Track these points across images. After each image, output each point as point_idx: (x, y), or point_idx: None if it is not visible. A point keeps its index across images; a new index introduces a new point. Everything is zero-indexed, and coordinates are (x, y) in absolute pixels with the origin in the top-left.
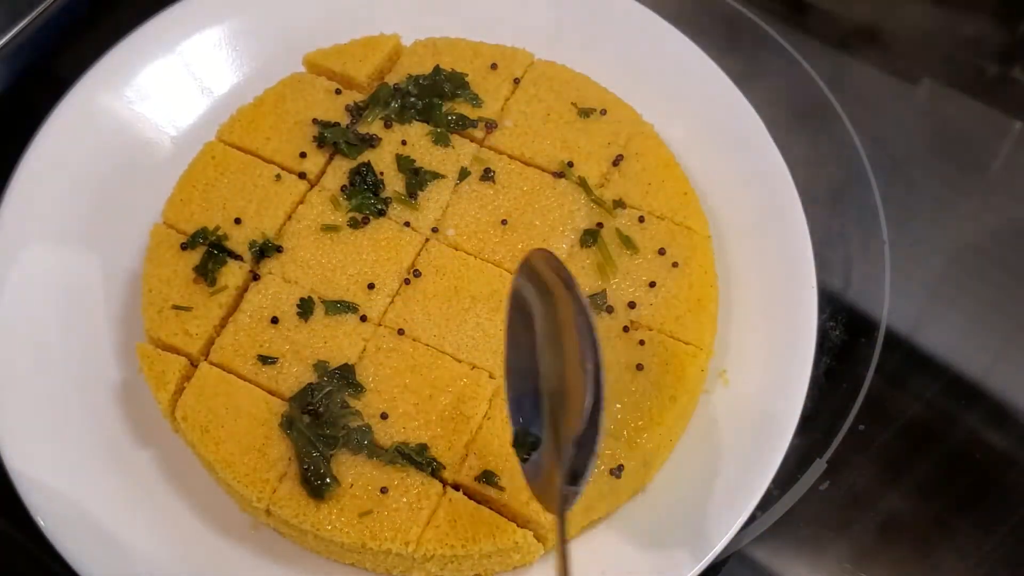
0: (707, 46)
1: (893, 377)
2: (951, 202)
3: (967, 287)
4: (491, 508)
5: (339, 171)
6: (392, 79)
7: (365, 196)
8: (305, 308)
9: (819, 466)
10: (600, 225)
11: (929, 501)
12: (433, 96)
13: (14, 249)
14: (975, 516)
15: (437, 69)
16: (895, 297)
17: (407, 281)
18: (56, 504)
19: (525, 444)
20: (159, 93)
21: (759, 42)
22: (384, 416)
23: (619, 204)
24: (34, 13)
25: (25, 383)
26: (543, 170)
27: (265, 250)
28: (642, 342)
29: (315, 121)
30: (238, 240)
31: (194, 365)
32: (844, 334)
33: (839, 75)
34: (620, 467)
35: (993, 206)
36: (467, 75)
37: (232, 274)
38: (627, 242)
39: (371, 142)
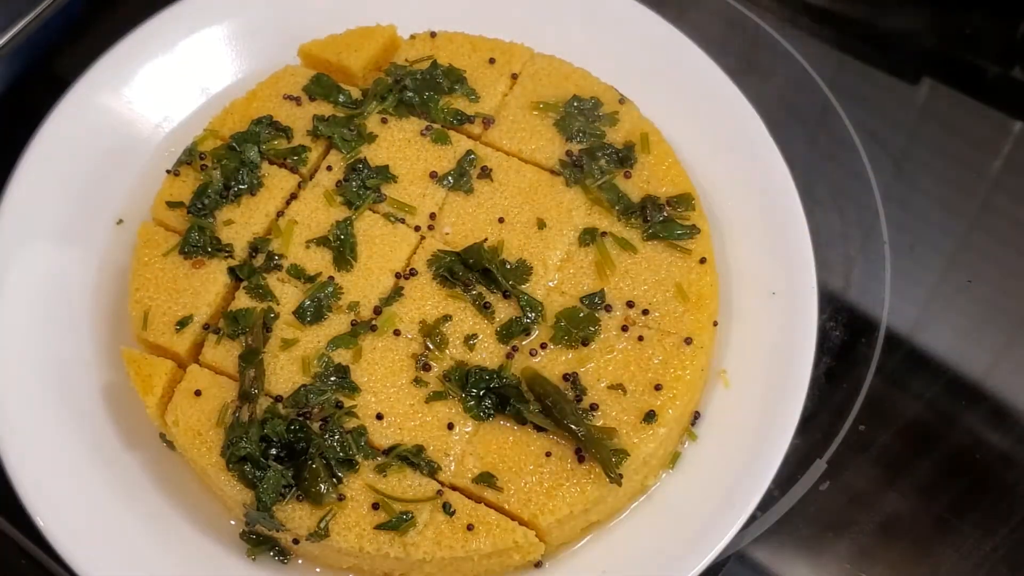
0: (707, 46)
1: (893, 377)
2: (951, 202)
3: (967, 287)
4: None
5: (334, 166)
6: (388, 72)
7: (360, 192)
8: (314, 310)
9: (819, 466)
10: (603, 233)
11: (929, 501)
12: (430, 91)
13: (14, 248)
14: (975, 516)
15: (434, 63)
16: (895, 297)
17: (402, 279)
18: (55, 504)
19: None
20: (158, 93)
21: (759, 42)
22: (379, 417)
23: (618, 202)
24: (34, 13)
25: (25, 384)
26: (541, 167)
27: (257, 247)
28: (641, 337)
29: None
30: (228, 236)
31: (182, 367)
32: (844, 334)
33: (839, 75)
34: (621, 476)
35: (993, 206)
36: (464, 71)
37: (222, 271)
38: (624, 243)
39: (367, 137)
